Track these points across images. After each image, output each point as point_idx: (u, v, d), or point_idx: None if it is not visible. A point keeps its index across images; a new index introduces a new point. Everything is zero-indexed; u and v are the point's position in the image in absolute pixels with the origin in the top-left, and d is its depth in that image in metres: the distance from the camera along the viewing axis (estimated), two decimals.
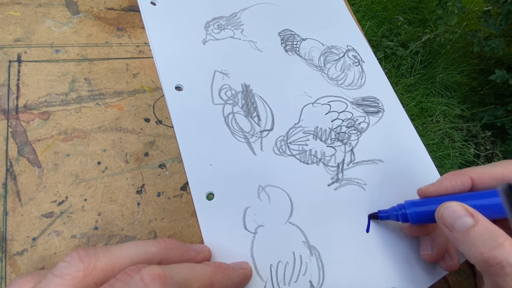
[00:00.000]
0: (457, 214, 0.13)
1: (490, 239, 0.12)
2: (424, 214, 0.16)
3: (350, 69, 0.25)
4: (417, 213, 0.16)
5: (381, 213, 0.17)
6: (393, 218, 0.17)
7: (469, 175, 0.16)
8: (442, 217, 0.14)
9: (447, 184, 0.16)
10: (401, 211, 0.16)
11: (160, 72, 0.18)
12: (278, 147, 0.19)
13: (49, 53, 0.16)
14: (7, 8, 0.16)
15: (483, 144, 0.98)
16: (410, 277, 0.18)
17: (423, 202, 0.16)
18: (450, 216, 0.14)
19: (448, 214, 0.14)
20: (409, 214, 0.16)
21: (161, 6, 0.20)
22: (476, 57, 1.17)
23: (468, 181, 0.16)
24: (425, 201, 0.16)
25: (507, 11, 0.88)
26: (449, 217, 0.14)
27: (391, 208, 0.17)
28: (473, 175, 0.16)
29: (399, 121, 0.24)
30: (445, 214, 0.14)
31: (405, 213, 0.16)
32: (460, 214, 0.13)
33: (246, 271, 0.14)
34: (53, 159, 0.14)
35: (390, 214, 0.17)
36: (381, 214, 0.17)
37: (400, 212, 0.16)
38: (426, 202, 0.16)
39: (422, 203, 0.16)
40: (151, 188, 0.15)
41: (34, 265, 0.12)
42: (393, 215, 0.17)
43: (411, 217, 0.16)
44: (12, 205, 0.13)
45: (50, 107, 0.15)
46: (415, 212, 0.16)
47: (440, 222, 0.14)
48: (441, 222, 0.14)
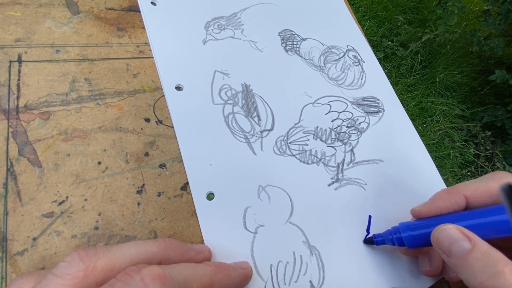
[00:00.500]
0: (453, 238, 0.13)
1: (489, 265, 0.12)
2: (419, 238, 0.15)
3: (350, 69, 0.25)
4: (412, 237, 0.15)
5: (376, 238, 0.17)
6: (389, 242, 0.16)
7: (463, 193, 0.15)
8: (438, 241, 0.13)
9: (440, 204, 0.15)
10: (396, 235, 0.16)
11: (160, 72, 0.18)
12: (278, 147, 0.19)
13: (50, 53, 0.16)
14: (7, 8, 0.16)
15: (483, 144, 0.98)
16: (410, 277, 0.18)
17: (418, 224, 0.16)
18: (446, 241, 0.13)
19: (444, 238, 0.13)
20: (405, 238, 0.15)
21: (161, 6, 0.20)
22: (476, 57, 1.17)
23: (462, 199, 0.15)
24: (420, 224, 0.16)
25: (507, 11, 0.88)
26: (445, 241, 0.13)
27: (386, 232, 0.17)
28: (467, 193, 0.15)
29: (399, 121, 0.24)
30: (441, 239, 0.13)
31: (401, 237, 0.16)
32: (456, 238, 0.13)
33: (246, 271, 0.14)
34: (54, 159, 0.14)
35: (385, 239, 0.17)
36: (376, 239, 0.17)
37: (395, 236, 0.16)
38: (421, 224, 0.16)
39: (417, 226, 0.16)
40: (151, 188, 0.15)
41: (34, 265, 0.12)
42: (389, 239, 0.16)
43: (406, 241, 0.15)
44: (13, 205, 0.13)
45: (50, 107, 0.15)
46: (410, 236, 0.15)
47: (436, 246, 0.14)
48: (437, 246, 0.14)
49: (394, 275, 0.17)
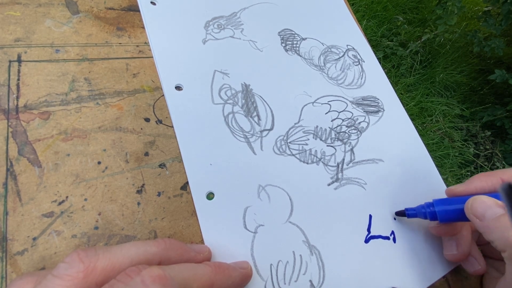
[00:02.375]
0: (487, 205, 0.14)
1: None
2: (452, 212, 0.16)
3: (350, 68, 0.25)
4: (446, 211, 0.16)
5: (409, 211, 0.17)
6: (421, 216, 0.17)
7: (500, 176, 0.16)
8: (472, 207, 0.14)
9: (477, 185, 0.16)
10: (429, 209, 0.16)
11: (160, 71, 0.18)
12: (278, 146, 0.19)
13: (49, 53, 0.16)
14: (7, 8, 0.16)
15: (483, 143, 0.98)
16: (410, 276, 0.18)
17: (452, 200, 0.16)
18: (480, 206, 0.14)
19: (479, 204, 0.14)
20: (438, 212, 0.16)
21: (161, 6, 0.20)
22: (476, 57, 1.17)
23: (498, 182, 0.16)
24: (453, 200, 0.16)
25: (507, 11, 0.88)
26: (480, 207, 0.14)
27: (419, 206, 0.17)
28: (504, 177, 0.16)
29: (399, 121, 0.24)
30: (475, 205, 0.14)
31: (434, 211, 0.16)
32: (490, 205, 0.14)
33: (246, 271, 0.14)
34: (53, 159, 0.14)
35: (418, 212, 0.17)
36: (408, 212, 0.17)
37: (428, 210, 0.16)
38: (455, 200, 0.16)
39: (450, 201, 0.16)
40: (151, 187, 0.15)
41: (34, 265, 0.12)
42: (421, 212, 0.17)
43: (439, 214, 0.16)
44: (13, 205, 0.13)
45: (50, 107, 0.15)
46: (443, 210, 0.16)
47: (470, 213, 0.14)
48: (471, 212, 0.14)
49: (394, 275, 0.17)
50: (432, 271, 0.18)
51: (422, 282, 0.18)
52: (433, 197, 0.21)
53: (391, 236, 0.18)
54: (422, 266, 0.18)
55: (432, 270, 0.18)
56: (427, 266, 0.18)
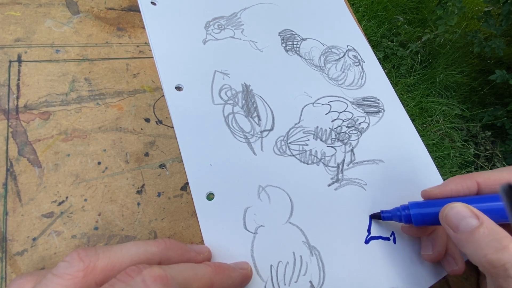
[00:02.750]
0: (461, 215, 0.13)
1: (494, 240, 0.12)
2: (427, 216, 0.15)
3: (350, 69, 0.25)
4: (420, 215, 0.16)
5: (384, 213, 0.17)
6: (396, 219, 0.17)
7: (475, 179, 0.16)
8: (447, 217, 0.14)
9: (452, 187, 0.16)
10: (404, 212, 0.16)
11: (160, 72, 0.18)
12: (278, 147, 0.19)
13: (49, 53, 0.16)
14: (7, 8, 0.16)
15: (483, 144, 0.98)
16: (410, 277, 0.18)
17: (427, 203, 0.16)
18: (454, 217, 0.13)
19: (453, 214, 0.14)
20: (413, 216, 0.16)
21: (161, 6, 0.20)
22: (476, 57, 1.17)
23: (474, 185, 0.16)
24: (429, 203, 0.16)
25: (508, 12, 0.88)
26: (454, 217, 0.13)
27: (394, 209, 0.17)
28: (479, 180, 0.16)
29: (399, 121, 0.24)
30: (450, 215, 0.14)
31: (409, 214, 0.16)
32: (465, 215, 0.13)
33: (246, 271, 0.14)
34: (53, 159, 0.14)
35: (393, 215, 0.17)
36: (383, 214, 0.17)
37: (403, 213, 0.16)
38: (430, 203, 0.16)
39: (426, 204, 0.16)
40: (151, 188, 0.15)
41: (34, 265, 0.12)
42: (396, 215, 0.17)
43: (414, 218, 0.16)
44: (13, 205, 0.13)
45: (50, 107, 0.15)
46: (418, 214, 0.16)
47: (444, 222, 0.14)
48: (445, 222, 0.14)
49: (394, 275, 0.17)
50: (432, 272, 0.18)
51: (422, 283, 0.18)
52: None
53: (391, 237, 0.18)
54: (422, 267, 0.18)
55: (432, 271, 0.18)
56: (427, 267, 0.18)
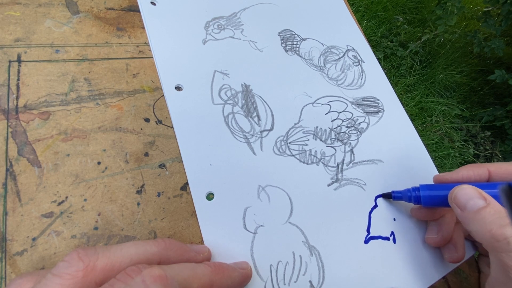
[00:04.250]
0: (469, 196, 0.14)
1: (499, 218, 0.13)
2: (436, 198, 0.16)
3: (350, 69, 0.25)
4: (430, 196, 0.17)
5: (395, 193, 0.18)
6: (406, 199, 0.18)
7: (487, 168, 0.16)
8: (455, 197, 0.15)
9: (463, 173, 0.17)
10: (414, 192, 0.17)
11: (160, 72, 0.18)
12: (278, 147, 0.19)
13: (49, 53, 0.16)
14: (7, 8, 0.16)
15: (483, 144, 0.99)
16: (410, 277, 0.18)
17: (437, 186, 0.17)
18: (463, 197, 0.14)
19: (462, 195, 0.15)
20: (422, 196, 0.17)
21: (161, 6, 0.20)
22: (476, 57, 1.18)
23: (485, 173, 0.16)
24: (439, 186, 0.17)
25: (507, 12, 0.88)
26: (462, 197, 0.14)
27: (405, 190, 0.18)
28: (491, 168, 0.16)
29: (399, 121, 0.24)
30: (459, 195, 0.15)
31: (419, 195, 0.17)
32: (472, 196, 0.14)
33: (246, 271, 0.14)
34: (53, 159, 0.14)
35: (403, 195, 0.18)
36: (394, 194, 0.18)
37: (413, 193, 0.17)
38: (440, 187, 0.17)
39: (436, 187, 0.17)
40: (151, 188, 0.15)
41: (34, 265, 0.12)
42: (406, 196, 0.18)
43: (423, 199, 0.17)
44: (12, 205, 0.13)
45: (50, 107, 0.15)
46: (428, 195, 0.17)
47: (453, 202, 0.15)
48: (453, 202, 0.15)
49: (394, 275, 0.17)
50: (432, 272, 0.18)
51: (422, 283, 0.18)
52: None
53: (391, 236, 0.18)
54: (422, 267, 0.18)
55: (432, 270, 0.18)
56: (427, 267, 0.18)
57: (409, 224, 0.19)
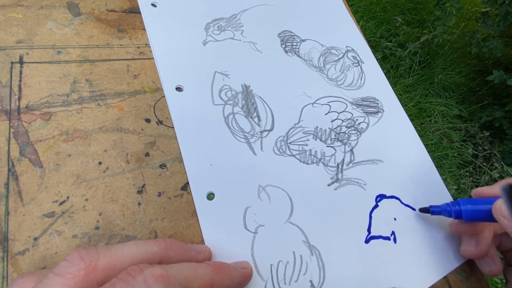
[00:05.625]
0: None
1: None
2: (478, 212, 0.16)
3: (349, 69, 0.25)
4: (472, 211, 0.16)
5: (433, 208, 0.18)
6: (446, 214, 0.17)
7: None
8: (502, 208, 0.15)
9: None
10: (455, 207, 0.17)
11: (161, 73, 0.18)
12: (278, 147, 0.19)
13: (51, 55, 0.16)
14: (9, 10, 0.16)
15: (481, 144, 0.99)
16: (410, 277, 0.18)
17: (477, 201, 0.17)
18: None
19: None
20: (464, 211, 0.16)
21: (161, 8, 0.21)
22: (474, 57, 1.18)
23: None
24: (480, 200, 0.17)
25: (505, 12, 0.88)
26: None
27: (444, 204, 0.18)
28: None
29: (398, 122, 0.24)
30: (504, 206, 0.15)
31: (459, 209, 0.17)
32: None
33: (246, 271, 0.14)
34: (55, 159, 0.14)
35: (442, 210, 0.18)
36: (433, 209, 0.18)
37: (454, 208, 0.17)
38: (481, 201, 0.17)
39: (476, 201, 0.17)
40: (151, 188, 0.15)
41: (35, 265, 0.12)
42: (446, 210, 0.17)
43: (465, 213, 0.16)
44: (14, 205, 0.13)
45: (51, 108, 0.15)
46: (469, 209, 0.16)
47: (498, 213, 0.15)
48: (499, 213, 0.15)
49: (394, 275, 0.17)
50: (432, 272, 0.18)
51: (422, 283, 0.18)
52: (433, 197, 0.21)
53: (391, 236, 0.18)
54: (423, 267, 0.18)
55: (432, 270, 0.18)
56: (428, 267, 0.18)
57: (409, 224, 0.19)
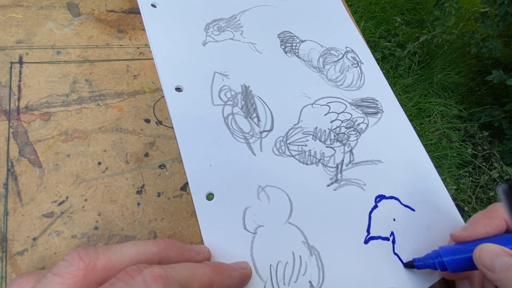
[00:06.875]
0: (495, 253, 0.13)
1: None
2: (461, 261, 0.15)
3: (349, 70, 0.25)
4: (454, 261, 0.15)
5: (417, 262, 0.17)
6: (431, 266, 0.16)
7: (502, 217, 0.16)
8: (480, 258, 0.14)
9: (481, 229, 0.16)
10: (437, 259, 0.16)
11: (160, 73, 0.18)
12: (277, 147, 0.19)
13: (51, 55, 0.16)
14: (9, 10, 0.16)
15: (481, 144, 0.99)
16: (410, 277, 0.18)
17: (459, 248, 0.16)
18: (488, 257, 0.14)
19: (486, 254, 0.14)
20: (447, 262, 0.16)
21: (161, 8, 0.21)
22: (474, 57, 1.18)
23: (502, 224, 0.16)
24: (461, 248, 0.16)
25: (504, 12, 0.88)
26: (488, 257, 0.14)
27: (427, 256, 0.17)
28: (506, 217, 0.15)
29: (398, 122, 0.24)
30: (483, 255, 0.14)
31: (442, 261, 0.16)
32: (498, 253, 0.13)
33: (245, 271, 0.14)
34: (54, 160, 0.14)
35: (426, 263, 0.17)
36: (417, 263, 0.17)
37: (437, 260, 0.16)
38: (462, 248, 0.16)
39: (458, 249, 0.16)
40: (151, 188, 0.15)
41: (34, 265, 0.12)
42: (430, 263, 0.16)
43: (449, 265, 0.15)
44: (13, 205, 0.13)
45: (51, 108, 0.15)
46: (452, 260, 0.15)
47: (479, 264, 0.14)
48: (480, 264, 0.14)
49: (394, 275, 0.17)
50: (432, 272, 0.18)
51: (422, 283, 0.18)
52: (432, 197, 0.21)
53: (390, 237, 0.18)
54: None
55: (432, 271, 0.18)
56: None
57: (409, 224, 0.19)
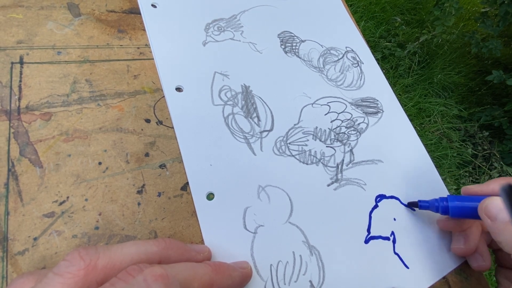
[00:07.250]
0: (500, 207, 0.15)
1: None
2: (465, 209, 0.16)
3: (349, 70, 0.25)
4: (458, 207, 0.16)
5: (421, 203, 0.18)
6: (433, 209, 0.17)
7: None
8: (487, 207, 0.15)
9: (494, 187, 0.17)
10: (442, 203, 0.17)
11: (161, 73, 0.18)
12: (277, 147, 0.19)
13: (51, 55, 0.16)
14: (9, 10, 0.16)
15: (481, 144, 0.99)
16: (410, 277, 0.18)
17: (466, 198, 0.17)
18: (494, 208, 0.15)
19: (493, 206, 0.15)
20: (451, 207, 0.17)
21: (161, 9, 0.21)
22: (474, 57, 1.18)
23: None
24: (468, 197, 0.17)
25: (505, 12, 0.88)
26: (494, 209, 0.15)
27: (433, 200, 0.18)
28: None
29: (398, 122, 0.24)
30: (490, 206, 0.15)
31: (447, 205, 0.17)
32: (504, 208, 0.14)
33: (246, 271, 0.14)
34: (55, 160, 0.14)
35: (430, 205, 0.18)
36: (421, 203, 0.18)
37: (441, 204, 0.17)
38: (469, 198, 0.17)
39: (464, 198, 0.17)
40: (151, 188, 0.15)
41: (35, 265, 0.12)
42: (434, 206, 0.17)
43: (452, 210, 0.16)
44: (14, 205, 0.13)
45: (51, 108, 0.15)
46: (456, 206, 0.16)
47: (483, 212, 0.15)
48: (483, 212, 0.15)
49: (393, 275, 0.17)
50: (432, 272, 0.18)
51: (422, 283, 0.18)
52: (432, 197, 0.21)
53: (391, 236, 0.18)
54: (422, 267, 0.18)
55: (432, 270, 0.18)
56: (428, 267, 0.18)
57: (409, 224, 0.19)
